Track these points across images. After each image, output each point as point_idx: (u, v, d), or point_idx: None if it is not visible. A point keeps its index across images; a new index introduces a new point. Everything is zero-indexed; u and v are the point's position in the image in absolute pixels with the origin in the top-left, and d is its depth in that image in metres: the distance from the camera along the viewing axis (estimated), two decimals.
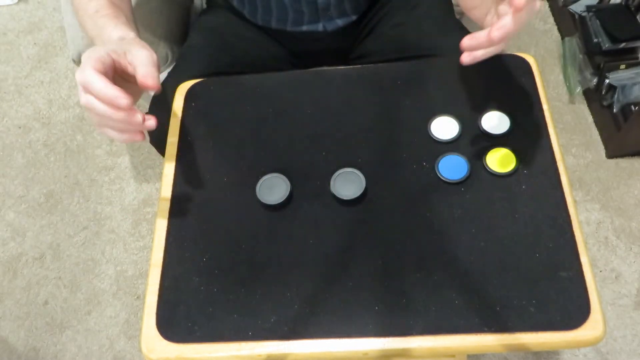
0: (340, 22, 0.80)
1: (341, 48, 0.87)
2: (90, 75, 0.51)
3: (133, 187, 1.38)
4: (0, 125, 1.52)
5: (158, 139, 0.74)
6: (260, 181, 0.60)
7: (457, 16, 0.86)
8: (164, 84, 0.79)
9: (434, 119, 0.63)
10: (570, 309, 0.51)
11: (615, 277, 1.16)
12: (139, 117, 0.52)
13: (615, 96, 1.27)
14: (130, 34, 0.59)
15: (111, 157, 1.43)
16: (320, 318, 0.52)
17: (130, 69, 0.54)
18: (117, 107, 0.51)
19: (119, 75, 0.56)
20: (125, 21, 0.62)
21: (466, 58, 0.54)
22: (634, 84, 1.25)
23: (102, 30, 0.61)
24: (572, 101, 1.39)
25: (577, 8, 1.42)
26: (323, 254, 0.56)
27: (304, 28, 0.80)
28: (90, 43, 0.79)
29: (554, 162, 0.59)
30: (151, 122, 0.53)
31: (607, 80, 1.27)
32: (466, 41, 0.53)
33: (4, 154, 1.47)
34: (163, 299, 0.55)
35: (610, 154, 1.30)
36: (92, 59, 0.52)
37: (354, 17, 0.81)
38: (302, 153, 0.63)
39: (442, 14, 0.82)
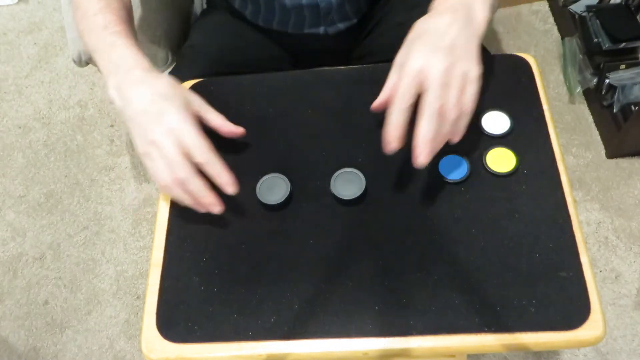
0: (341, 26, 0.80)
1: (342, 49, 0.87)
2: (196, 136, 0.53)
3: (133, 187, 1.38)
4: (0, 125, 1.52)
5: None
6: (260, 181, 0.60)
7: None
8: None
9: None
10: (570, 309, 0.51)
11: (615, 277, 1.16)
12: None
13: (615, 96, 1.27)
14: (145, 62, 0.58)
15: (111, 157, 1.43)
16: (320, 318, 0.52)
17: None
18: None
19: None
20: (137, 42, 0.60)
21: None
22: (634, 84, 1.25)
23: (112, 49, 0.58)
24: (572, 101, 1.39)
25: (577, 8, 1.42)
26: (323, 254, 0.56)
27: (305, 31, 0.80)
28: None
29: (554, 162, 0.59)
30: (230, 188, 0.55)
31: (607, 80, 1.27)
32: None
33: (4, 154, 1.47)
34: (163, 299, 0.55)
35: (610, 154, 1.30)
36: (189, 114, 0.54)
37: (355, 20, 0.81)
38: (302, 153, 0.63)
39: None
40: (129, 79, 0.56)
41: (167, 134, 0.52)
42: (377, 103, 0.56)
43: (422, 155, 0.51)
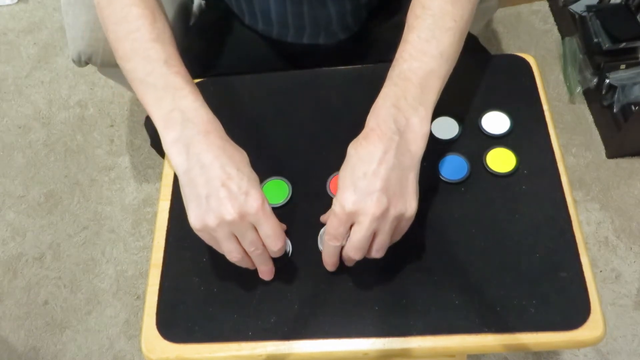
0: (341, 35, 0.80)
1: (341, 53, 0.87)
2: (270, 216, 0.48)
3: (133, 187, 1.38)
4: (0, 125, 1.52)
5: (158, 141, 0.74)
6: (262, 185, 0.60)
7: None
8: None
9: (435, 119, 0.63)
10: (570, 309, 0.51)
11: (615, 277, 1.16)
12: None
13: (616, 96, 1.27)
14: (219, 125, 0.52)
15: (111, 157, 1.43)
16: (320, 318, 0.52)
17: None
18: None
19: None
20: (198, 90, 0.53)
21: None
22: (634, 84, 1.25)
23: (179, 95, 0.51)
24: (572, 101, 1.39)
25: (577, 8, 1.42)
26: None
27: (305, 41, 0.79)
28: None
29: (554, 162, 0.59)
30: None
31: (607, 80, 1.27)
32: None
33: (4, 154, 1.47)
34: (163, 299, 0.55)
35: (610, 154, 1.30)
36: (266, 200, 0.49)
37: (355, 29, 0.81)
38: (302, 153, 0.63)
39: None
40: (204, 139, 0.49)
41: (245, 216, 0.47)
42: (322, 218, 0.57)
43: (347, 264, 0.53)
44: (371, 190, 0.47)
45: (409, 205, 0.48)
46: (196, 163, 0.48)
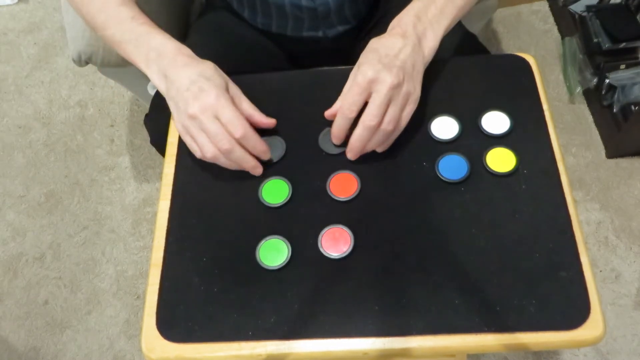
0: (340, 28, 0.80)
1: (341, 50, 0.87)
2: (227, 105, 0.57)
3: (133, 187, 1.38)
4: (0, 125, 1.52)
5: (158, 140, 0.74)
6: (263, 184, 0.60)
7: None
8: None
9: (434, 119, 0.63)
10: (570, 309, 0.51)
11: (615, 277, 1.16)
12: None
13: (615, 96, 1.27)
14: (186, 49, 0.61)
15: (111, 157, 1.43)
16: (320, 318, 0.52)
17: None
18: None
19: None
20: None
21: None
22: (634, 84, 1.25)
23: (150, 37, 0.61)
24: (572, 101, 1.39)
25: (577, 8, 1.42)
26: (323, 254, 0.56)
27: (304, 34, 0.80)
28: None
29: (554, 162, 0.59)
30: (258, 170, 0.61)
31: (607, 80, 1.27)
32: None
33: (4, 154, 1.47)
34: (163, 299, 0.55)
35: (610, 154, 1.30)
36: (226, 93, 0.59)
37: (354, 23, 0.81)
38: (302, 153, 0.63)
39: None
40: (174, 64, 0.59)
41: (205, 109, 0.56)
42: (329, 112, 0.61)
43: (350, 154, 0.60)
44: (392, 65, 0.56)
45: (417, 88, 0.58)
46: (170, 83, 0.59)
